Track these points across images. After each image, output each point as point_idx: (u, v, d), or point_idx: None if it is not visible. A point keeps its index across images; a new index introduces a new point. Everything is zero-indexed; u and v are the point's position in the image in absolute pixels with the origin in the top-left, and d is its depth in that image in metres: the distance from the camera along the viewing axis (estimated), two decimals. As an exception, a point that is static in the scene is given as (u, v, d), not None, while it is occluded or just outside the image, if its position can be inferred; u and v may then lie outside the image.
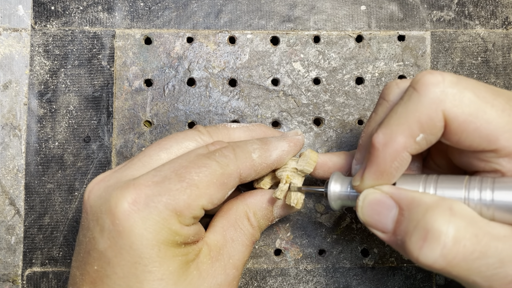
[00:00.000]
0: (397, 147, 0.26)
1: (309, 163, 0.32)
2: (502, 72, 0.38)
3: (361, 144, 0.31)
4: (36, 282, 0.36)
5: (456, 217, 0.24)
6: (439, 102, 0.25)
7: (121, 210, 0.27)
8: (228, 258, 0.30)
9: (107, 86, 0.38)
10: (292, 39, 0.38)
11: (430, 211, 0.24)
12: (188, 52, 0.38)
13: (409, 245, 0.25)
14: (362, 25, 0.39)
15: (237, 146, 0.31)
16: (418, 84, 0.26)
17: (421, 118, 0.26)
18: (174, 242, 0.28)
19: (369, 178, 0.28)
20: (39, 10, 0.38)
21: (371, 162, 0.27)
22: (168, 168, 0.29)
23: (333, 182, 0.30)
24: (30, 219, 0.37)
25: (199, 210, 0.28)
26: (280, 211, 0.33)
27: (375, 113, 0.30)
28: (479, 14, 0.39)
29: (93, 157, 0.37)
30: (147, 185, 0.28)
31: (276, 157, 0.31)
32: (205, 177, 0.28)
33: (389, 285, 0.37)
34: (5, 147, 0.37)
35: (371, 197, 0.28)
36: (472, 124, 0.25)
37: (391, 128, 0.26)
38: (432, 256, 0.24)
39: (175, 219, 0.28)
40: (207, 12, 0.38)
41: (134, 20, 0.38)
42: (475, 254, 0.23)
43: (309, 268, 0.37)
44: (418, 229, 0.24)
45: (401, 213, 0.26)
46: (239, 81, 0.38)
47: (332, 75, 0.38)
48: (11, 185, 0.37)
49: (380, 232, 0.27)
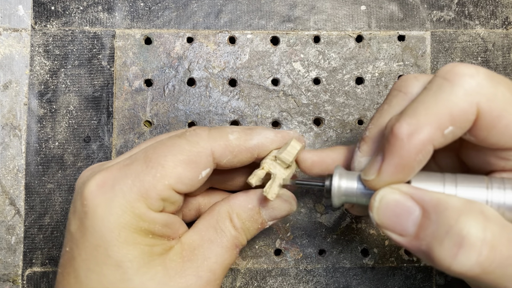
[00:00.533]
0: (424, 139, 0.24)
1: (288, 152, 0.29)
2: (502, 72, 0.38)
3: (368, 136, 0.29)
4: (36, 282, 0.36)
5: (490, 222, 0.23)
6: (474, 94, 0.24)
7: (88, 191, 0.27)
8: (202, 259, 0.29)
9: (107, 86, 0.38)
10: (292, 39, 0.38)
11: (463, 216, 0.23)
12: (188, 52, 0.38)
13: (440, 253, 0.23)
14: (362, 25, 0.39)
15: (214, 127, 0.30)
16: (450, 74, 0.25)
17: (453, 109, 0.24)
18: (137, 228, 0.27)
19: (388, 171, 0.25)
20: (39, 10, 0.38)
21: (392, 153, 0.25)
22: (140, 152, 0.29)
23: (337, 176, 0.28)
24: (30, 219, 0.37)
25: (168, 191, 0.27)
26: (270, 212, 0.31)
27: (387, 104, 0.28)
28: (479, 14, 0.39)
29: (93, 157, 0.37)
30: (117, 168, 0.28)
31: (257, 142, 0.29)
32: (172, 156, 0.27)
33: (389, 285, 0.37)
34: (5, 147, 0.37)
35: (390, 198, 0.25)
36: (504, 120, 0.24)
37: (418, 118, 0.24)
38: (468, 264, 0.22)
39: (140, 202, 0.27)
40: (207, 12, 0.38)
41: (134, 20, 0.38)
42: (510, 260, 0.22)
43: (309, 268, 0.37)
44: (451, 235, 0.23)
45: (427, 216, 0.24)
46: (239, 81, 0.38)
47: (332, 75, 0.38)
48: (11, 185, 0.37)
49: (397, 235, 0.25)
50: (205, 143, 0.28)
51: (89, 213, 0.27)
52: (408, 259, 0.37)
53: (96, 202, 0.27)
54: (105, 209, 0.27)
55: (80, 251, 0.27)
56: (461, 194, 0.25)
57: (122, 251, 0.26)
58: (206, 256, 0.29)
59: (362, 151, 0.29)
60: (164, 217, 0.28)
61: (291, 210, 0.32)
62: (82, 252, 0.27)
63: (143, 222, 0.27)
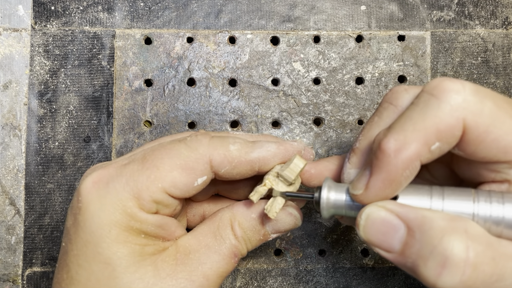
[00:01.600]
0: (411, 155, 0.24)
1: (291, 170, 0.29)
2: (502, 72, 0.38)
3: (358, 148, 0.29)
4: (36, 282, 0.36)
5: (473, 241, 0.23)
6: (461, 110, 0.24)
7: (84, 188, 0.27)
8: (197, 264, 0.28)
9: (107, 86, 0.38)
10: (292, 39, 0.38)
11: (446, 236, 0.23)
12: (188, 52, 0.38)
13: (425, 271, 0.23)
14: (362, 25, 0.39)
15: (216, 135, 0.29)
16: (436, 90, 0.25)
17: (439, 125, 0.24)
18: (128, 226, 0.27)
19: (376, 186, 0.25)
20: (39, 10, 0.38)
21: (379, 169, 0.25)
22: (139, 152, 0.29)
23: (326, 188, 0.28)
24: (30, 219, 0.37)
25: (160, 194, 0.27)
26: (273, 225, 0.30)
27: (378, 117, 0.28)
28: (479, 14, 0.39)
29: (93, 157, 0.37)
30: (115, 167, 0.28)
31: (258, 155, 0.29)
32: (169, 159, 0.27)
33: (389, 285, 0.37)
34: (5, 147, 0.37)
35: (375, 216, 0.25)
36: (491, 135, 0.24)
37: (405, 134, 0.24)
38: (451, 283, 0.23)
39: (133, 202, 0.27)
40: (207, 12, 0.38)
41: (134, 20, 0.38)
42: (494, 278, 0.23)
43: (309, 268, 0.37)
44: (435, 255, 0.23)
45: (411, 234, 0.24)
46: (239, 81, 0.38)
47: (332, 75, 0.38)
48: (11, 185, 0.37)
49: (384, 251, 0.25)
50: (204, 150, 0.28)
51: (82, 208, 0.27)
52: (408, 259, 0.37)
53: (89, 199, 0.27)
54: (97, 205, 0.27)
55: (72, 246, 0.27)
56: (447, 207, 0.25)
57: (112, 248, 0.26)
58: (202, 261, 0.28)
59: (351, 162, 0.29)
60: (157, 218, 0.28)
61: (295, 225, 0.31)
62: (74, 247, 0.27)
63: (134, 221, 0.27)
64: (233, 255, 0.29)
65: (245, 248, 0.30)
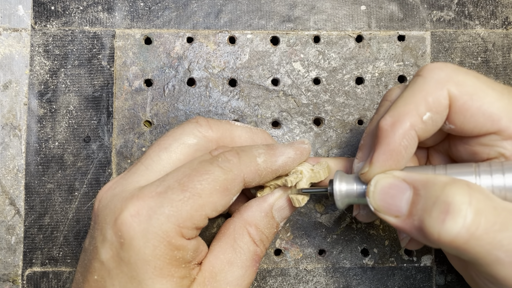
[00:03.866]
0: (405, 126, 0.27)
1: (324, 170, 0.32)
2: (502, 72, 0.38)
3: (363, 144, 0.31)
4: (36, 282, 0.36)
5: (475, 191, 0.24)
6: (444, 82, 0.27)
7: (123, 222, 0.27)
8: (225, 284, 0.29)
9: (107, 86, 0.38)
10: (292, 39, 0.38)
11: (448, 186, 0.24)
12: (188, 52, 0.38)
13: (429, 222, 0.24)
14: (362, 25, 0.39)
15: (241, 150, 0.30)
16: (422, 71, 0.28)
17: (427, 96, 0.27)
18: (172, 257, 0.27)
19: (379, 159, 0.28)
20: (39, 10, 0.38)
21: (380, 144, 0.28)
22: (171, 177, 0.28)
23: (337, 180, 0.30)
24: (30, 219, 0.37)
25: (203, 220, 0.28)
26: (281, 213, 0.32)
27: (377, 114, 0.31)
28: (479, 14, 0.39)
29: (93, 157, 0.37)
30: (151, 196, 0.27)
31: (281, 163, 0.31)
32: (208, 185, 0.27)
33: (389, 285, 0.37)
34: (5, 147, 0.37)
35: (383, 181, 0.27)
36: (476, 103, 0.27)
37: (398, 110, 0.27)
38: (455, 229, 0.23)
39: (176, 232, 0.27)
40: (207, 12, 0.38)
41: (134, 20, 0.38)
42: (497, 226, 0.23)
43: (309, 268, 0.37)
44: (438, 204, 0.24)
45: (417, 193, 0.26)
46: (239, 81, 0.38)
47: (332, 75, 0.38)
48: (11, 185, 0.37)
49: (392, 217, 0.27)
50: (238, 170, 0.29)
51: (125, 244, 0.26)
52: (408, 259, 0.37)
53: (131, 234, 0.26)
54: (141, 240, 0.26)
55: (114, 282, 0.27)
56: None
57: (156, 284, 0.26)
58: (228, 280, 0.29)
59: (358, 157, 0.31)
60: (194, 242, 0.28)
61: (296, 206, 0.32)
62: (116, 283, 0.27)
63: (177, 251, 0.27)
64: (254, 262, 0.30)
65: (264, 250, 0.31)
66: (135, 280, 0.26)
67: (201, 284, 0.28)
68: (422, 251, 0.37)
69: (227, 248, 0.30)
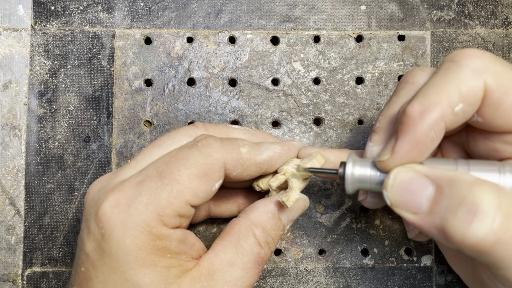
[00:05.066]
0: (435, 116, 0.25)
1: (313, 163, 0.30)
2: (502, 72, 0.38)
3: (378, 127, 0.29)
4: (36, 282, 0.36)
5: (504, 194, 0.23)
6: (481, 71, 0.25)
7: (103, 213, 0.26)
8: (222, 284, 0.28)
9: (107, 86, 0.38)
10: (292, 39, 0.38)
11: (476, 186, 0.23)
12: (188, 52, 0.38)
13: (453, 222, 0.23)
14: (362, 25, 0.39)
15: (226, 138, 0.29)
16: (457, 57, 0.26)
17: (462, 87, 0.25)
18: (154, 247, 0.26)
19: (403, 149, 0.25)
20: (39, 10, 0.38)
21: (405, 132, 0.25)
22: (151, 166, 0.28)
23: (351, 163, 0.28)
24: (30, 219, 0.37)
25: (184, 207, 0.27)
26: (288, 215, 0.31)
27: (396, 96, 0.29)
28: (479, 14, 0.39)
29: (93, 157, 0.37)
30: (130, 186, 0.27)
31: (266, 157, 0.30)
32: (186, 170, 0.27)
33: (389, 285, 0.37)
34: (5, 147, 0.37)
35: (403, 175, 0.25)
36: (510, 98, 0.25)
37: (429, 98, 0.25)
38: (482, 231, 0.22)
39: (157, 220, 0.26)
40: (207, 12, 0.38)
41: (134, 20, 0.38)
42: None
43: (309, 268, 0.37)
44: (465, 204, 0.23)
45: (440, 190, 0.24)
46: (239, 81, 0.38)
47: (332, 75, 0.38)
48: (11, 185, 0.37)
49: (410, 213, 0.25)
50: (218, 155, 0.28)
51: (106, 235, 0.26)
52: (408, 259, 0.37)
53: (111, 224, 0.26)
54: (121, 231, 0.26)
55: (98, 273, 0.27)
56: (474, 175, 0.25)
57: (139, 274, 0.26)
58: (226, 280, 0.28)
59: (373, 141, 0.29)
60: (179, 232, 0.27)
61: (305, 207, 0.32)
62: (100, 274, 0.27)
63: (159, 240, 0.26)
64: (257, 265, 0.29)
65: (269, 252, 0.30)
66: (117, 271, 0.26)
67: (195, 278, 0.27)
68: (422, 251, 0.37)
69: (230, 247, 0.29)
